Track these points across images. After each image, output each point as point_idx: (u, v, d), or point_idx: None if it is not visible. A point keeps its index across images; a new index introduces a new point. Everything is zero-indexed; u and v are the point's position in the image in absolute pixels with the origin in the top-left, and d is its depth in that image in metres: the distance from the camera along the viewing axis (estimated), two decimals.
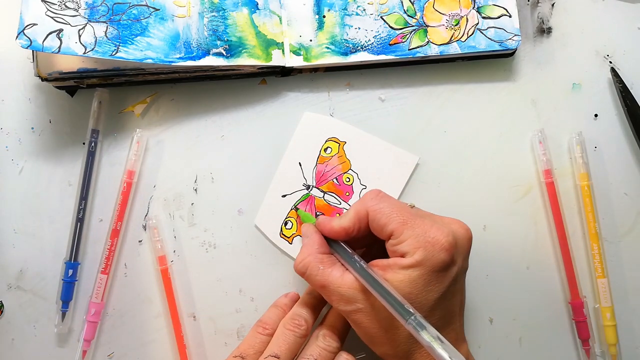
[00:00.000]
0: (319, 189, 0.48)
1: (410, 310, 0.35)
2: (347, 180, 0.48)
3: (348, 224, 0.41)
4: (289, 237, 0.48)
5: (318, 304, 0.45)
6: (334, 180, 0.48)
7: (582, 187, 0.48)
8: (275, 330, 0.43)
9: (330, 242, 0.42)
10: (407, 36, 0.48)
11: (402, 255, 0.38)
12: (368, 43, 0.48)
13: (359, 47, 0.48)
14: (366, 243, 0.44)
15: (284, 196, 0.48)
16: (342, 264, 0.41)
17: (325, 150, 0.49)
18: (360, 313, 0.39)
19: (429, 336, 0.34)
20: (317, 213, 0.48)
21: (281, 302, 0.46)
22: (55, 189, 0.49)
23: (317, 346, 0.42)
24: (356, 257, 0.40)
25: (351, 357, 0.42)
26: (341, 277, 0.39)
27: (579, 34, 0.51)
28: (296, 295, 0.47)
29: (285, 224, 0.48)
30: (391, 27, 0.48)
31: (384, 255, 0.40)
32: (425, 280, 0.37)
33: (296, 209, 0.48)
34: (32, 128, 0.50)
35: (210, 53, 0.46)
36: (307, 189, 0.48)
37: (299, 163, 0.49)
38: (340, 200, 0.48)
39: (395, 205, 0.40)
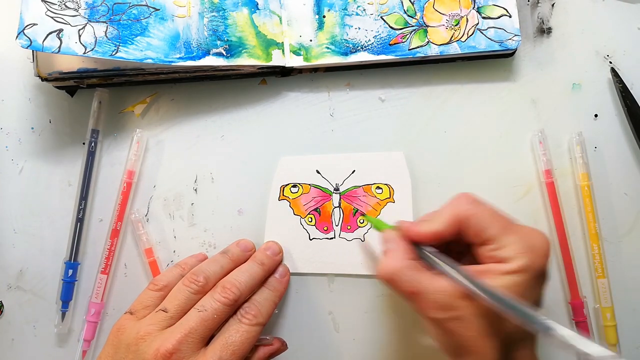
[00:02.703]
0: (340, 199, 0.49)
1: (536, 313, 0.33)
2: (361, 222, 0.48)
3: (441, 227, 0.38)
4: (284, 196, 0.48)
5: (226, 264, 0.43)
6: (355, 209, 0.48)
7: (582, 187, 0.48)
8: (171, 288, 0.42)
9: (417, 247, 0.39)
10: (407, 36, 0.48)
11: (501, 261, 0.36)
12: (368, 43, 0.48)
13: (359, 47, 0.48)
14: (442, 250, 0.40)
15: (317, 172, 0.49)
16: (433, 270, 0.38)
17: (377, 187, 0.48)
18: (457, 321, 0.36)
19: (569, 333, 0.32)
20: (317, 209, 0.48)
21: (184, 262, 0.45)
22: (55, 189, 0.49)
23: (211, 297, 0.40)
24: (452, 261, 0.37)
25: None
26: (437, 282, 0.36)
27: (579, 34, 0.51)
28: (203, 255, 0.47)
29: (294, 186, 0.49)
30: (391, 27, 0.48)
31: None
32: (527, 286, 0.36)
33: (363, 214, 0.47)
34: (32, 128, 0.50)
35: (210, 53, 0.46)
36: (334, 190, 0.49)
37: (354, 170, 0.48)
38: (340, 225, 0.48)
39: (492, 210, 0.38)
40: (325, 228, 0.48)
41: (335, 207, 0.49)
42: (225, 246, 0.48)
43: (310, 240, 0.48)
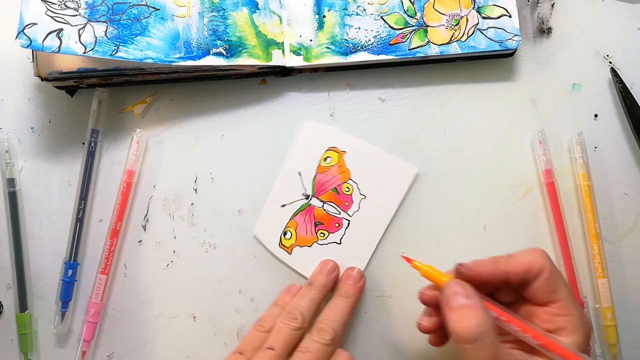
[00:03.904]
0: (318, 198, 0.48)
1: None
2: (347, 190, 0.48)
3: (514, 269, 0.37)
4: (288, 247, 0.48)
5: (316, 296, 0.45)
6: (334, 190, 0.48)
7: (582, 187, 0.48)
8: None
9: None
10: (407, 36, 0.48)
11: (557, 330, 0.37)
12: (368, 43, 0.48)
13: (359, 47, 0.48)
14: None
15: (282, 206, 0.48)
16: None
17: (325, 159, 0.48)
18: None
19: None
20: (316, 222, 0.48)
21: (281, 300, 0.46)
22: (55, 189, 0.49)
23: (310, 340, 0.42)
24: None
25: (348, 356, 0.42)
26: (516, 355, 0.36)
27: (579, 34, 0.51)
28: (297, 289, 0.47)
29: (285, 234, 0.48)
30: (391, 27, 0.48)
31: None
32: None
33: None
34: (32, 128, 0.50)
35: (210, 53, 0.46)
36: (307, 198, 0.48)
37: (299, 173, 0.48)
38: (340, 210, 0.48)
39: (561, 274, 0.38)
40: (337, 225, 0.48)
41: (320, 206, 0.48)
42: (225, 246, 0.48)
43: (340, 244, 0.48)
